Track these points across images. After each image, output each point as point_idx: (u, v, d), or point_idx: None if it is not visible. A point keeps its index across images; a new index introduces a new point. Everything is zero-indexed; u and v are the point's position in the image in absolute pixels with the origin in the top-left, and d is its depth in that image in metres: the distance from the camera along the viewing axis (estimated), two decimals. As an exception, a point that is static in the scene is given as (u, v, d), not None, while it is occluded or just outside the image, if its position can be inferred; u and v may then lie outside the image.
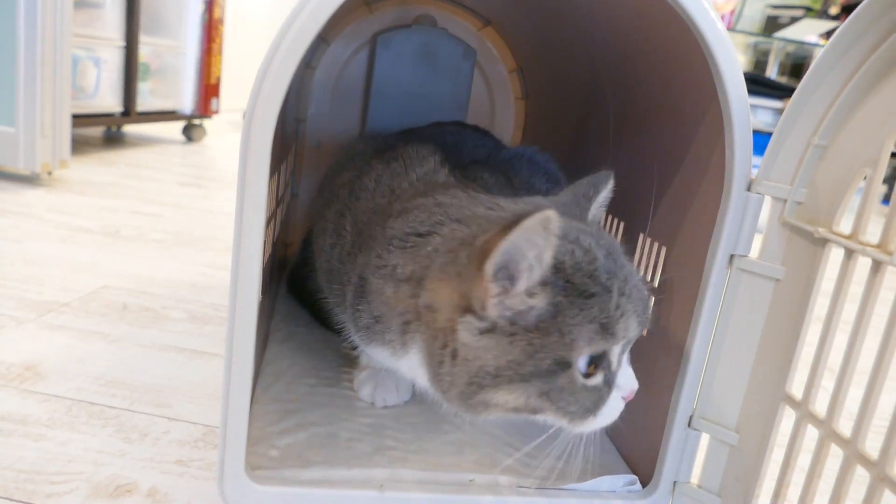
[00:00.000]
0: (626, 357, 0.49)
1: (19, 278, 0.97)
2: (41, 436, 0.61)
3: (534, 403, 0.45)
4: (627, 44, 0.65)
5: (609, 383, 0.47)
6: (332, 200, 0.65)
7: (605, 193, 0.53)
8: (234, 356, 0.46)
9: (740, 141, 0.48)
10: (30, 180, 1.55)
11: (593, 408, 0.46)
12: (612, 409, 0.48)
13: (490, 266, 0.42)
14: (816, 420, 0.44)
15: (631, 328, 0.46)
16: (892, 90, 0.41)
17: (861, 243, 0.41)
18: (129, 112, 2.13)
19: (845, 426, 0.42)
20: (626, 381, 0.48)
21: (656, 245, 0.62)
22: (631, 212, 0.68)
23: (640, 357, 0.62)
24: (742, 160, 0.48)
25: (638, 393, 0.61)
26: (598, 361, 0.45)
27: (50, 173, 1.53)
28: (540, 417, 0.47)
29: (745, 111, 0.48)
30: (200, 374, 0.76)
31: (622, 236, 0.70)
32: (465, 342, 0.45)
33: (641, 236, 0.65)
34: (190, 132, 2.63)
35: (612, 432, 0.66)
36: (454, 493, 0.53)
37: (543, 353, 0.43)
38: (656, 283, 0.61)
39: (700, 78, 0.50)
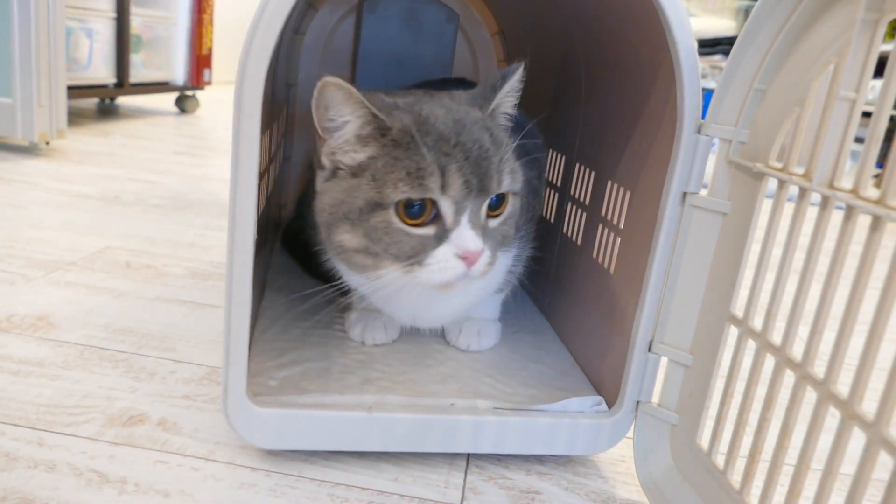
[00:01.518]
0: (466, 219, 0.54)
1: (25, 240, 1.02)
2: (57, 376, 0.66)
3: (363, 242, 0.55)
4: (595, 5, 0.69)
5: (440, 238, 0.54)
6: None
7: (512, 83, 0.60)
8: (234, 283, 0.51)
9: (689, 88, 0.53)
10: (28, 150, 1.58)
11: (416, 255, 0.54)
12: (442, 264, 0.54)
13: (316, 125, 0.55)
14: (755, 334, 0.49)
15: (454, 187, 0.53)
16: (817, 38, 0.45)
17: (790, 174, 0.46)
18: (123, 83, 2.15)
19: (779, 338, 0.47)
20: (461, 240, 0.53)
21: (621, 189, 0.67)
22: (601, 162, 0.73)
23: (604, 291, 0.67)
24: (691, 105, 0.53)
25: (603, 322, 0.67)
26: (425, 213, 0.53)
27: (48, 143, 1.56)
28: (381, 267, 0.56)
29: (693, 61, 0.52)
30: (202, 323, 0.81)
31: (593, 184, 0.74)
32: (318, 189, 0.58)
33: (609, 182, 0.70)
34: (183, 103, 2.65)
35: (579, 359, 0.72)
36: (436, 414, 0.58)
37: (358, 194, 0.54)
38: (622, 224, 0.66)
39: (655, 34, 0.54)
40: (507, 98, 0.60)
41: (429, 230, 0.54)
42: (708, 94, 0.54)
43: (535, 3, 0.90)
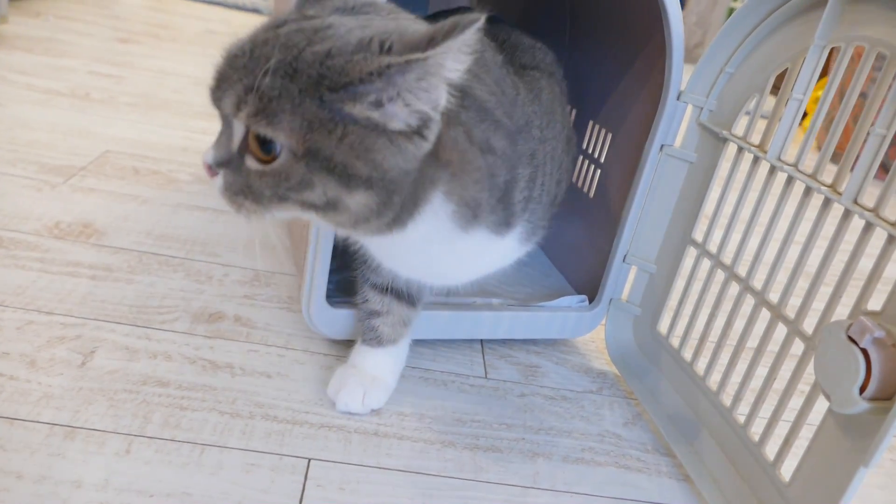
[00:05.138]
0: (223, 135, 0.44)
1: (25, 143, 1.05)
2: (130, 279, 0.77)
3: None
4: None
5: None
6: None
7: (460, 42, 0.39)
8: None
9: (676, 65, 0.68)
10: (-32, 35, 1.51)
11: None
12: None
13: None
14: (710, 254, 0.68)
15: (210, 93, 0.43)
16: (777, 43, 0.61)
17: (748, 143, 0.63)
18: (41, -45, 2.01)
19: (728, 258, 0.66)
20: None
21: (603, 130, 0.82)
22: (584, 102, 0.88)
23: (587, 212, 0.85)
24: (676, 79, 0.68)
25: (581, 237, 0.84)
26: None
27: (-11, 28, 1.50)
28: None
29: (681, 42, 0.67)
30: (229, 230, 0.92)
31: (575, 120, 0.90)
32: None
33: (591, 122, 0.85)
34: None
35: (556, 263, 0.91)
36: (462, 310, 0.75)
37: None
38: (602, 159, 0.82)
39: (651, 14, 0.68)
40: (448, 59, 0.39)
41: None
42: (688, 69, 0.69)
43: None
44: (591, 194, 0.84)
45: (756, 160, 0.63)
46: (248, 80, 0.40)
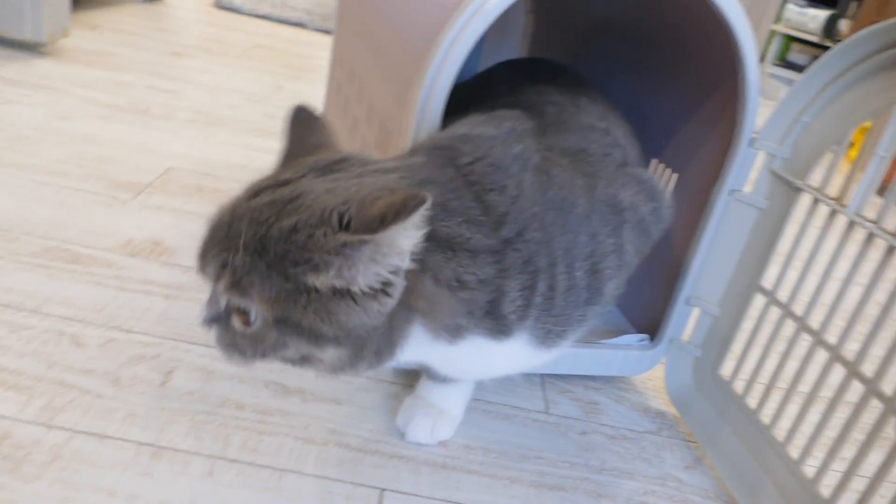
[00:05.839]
0: (213, 295, 0.47)
1: (93, 158, 1.09)
2: (200, 300, 0.79)
3: None
4: (667, 12, 0.83)
5: None
6: None
7: (402, 228, 0.41)
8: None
9: (750, 112, 0.69)
10: (33, 48, 1.56)
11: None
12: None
13: None
14: (779, 303, 0.69)
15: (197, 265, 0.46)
16: (862, 95, 0.62)
17: (823, 195, 0.64)
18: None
19: (800, 309, 0.66)
20: None
21: (668, 170, 0.83)
22: (645, 138, 0.89)
23: (647, 263, 0.85)
24: (749, 125, 0.69)
25: (646, 276, 0.85)
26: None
27: (53, 43, 1.55)
28: None
29: (756, 87, 0.68)
30: (291, 252, 0.94)
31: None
32: None
33: (655, 161, 0.86)
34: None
35: (623, 307, 0.91)
36: (526, 345, 0.76)
37: None
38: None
39: (723, 51, 0.69)
40: (399, 238, 0.42)
41: None
42: (763, 118, 0.70)
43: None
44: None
45: (833, 213, 0.63)
46: (223, 255, 0.44)
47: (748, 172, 0.72)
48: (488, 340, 0.51)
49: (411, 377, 0.72)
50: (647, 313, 0.84)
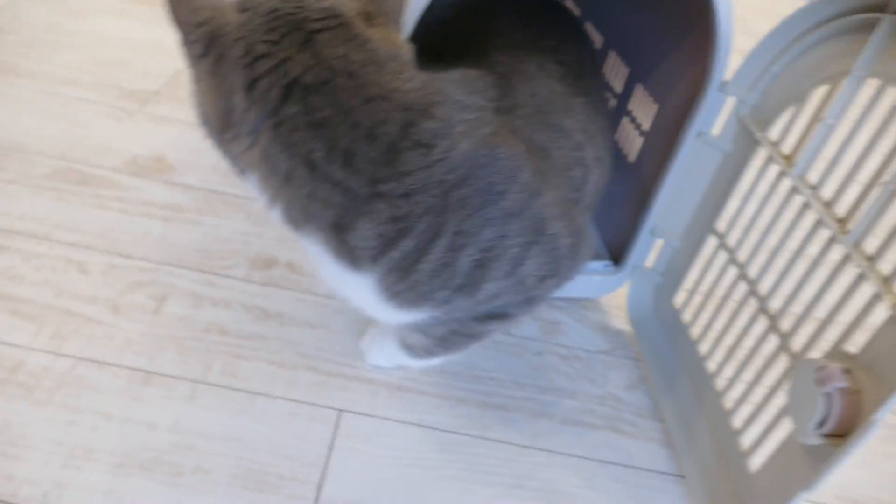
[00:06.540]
0: None
1: (105, 62, 1.12)
2: (197, 221, 0.86)
3: None
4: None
5: None
6: None
7: None
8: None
9: (721, 57, 0.66)
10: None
11: None
12: None
13: None
14: (727, 248, 0.71)
15: None
16: (818, 58, 0.59)
17: (778, 153, 0.63)
18: None
19: (744, 255, 0.69)
20: None
21: (651, 99, 0.82)
22: (633, 63, 0.86)
23: (626, 176, 0.86)
24: (719, 70, 0.67)
25: (621, 200, 0.87)
26: None
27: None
28: None
29: (728, 37, 0.65)
30: (287, 164, 0.99)
31: (626, 80, 0.88)
32: None
33: (640, 85, 0.84)
34: None
35: (599, 226, 0.94)
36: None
37: None
38: (646, 128, 0.83)
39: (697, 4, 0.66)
40: None
41: None
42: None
43: None
44: (631, 160, 0.85)
45: (781, 174, 0.63)
46: None
47: (717, 116, 0.71)
48: (333, 259, 0.52)
49: (382, 300, 0.79)
50: (616, 239, 0.87)
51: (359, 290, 0.54)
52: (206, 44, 0.48)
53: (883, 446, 0.77)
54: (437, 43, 0.64)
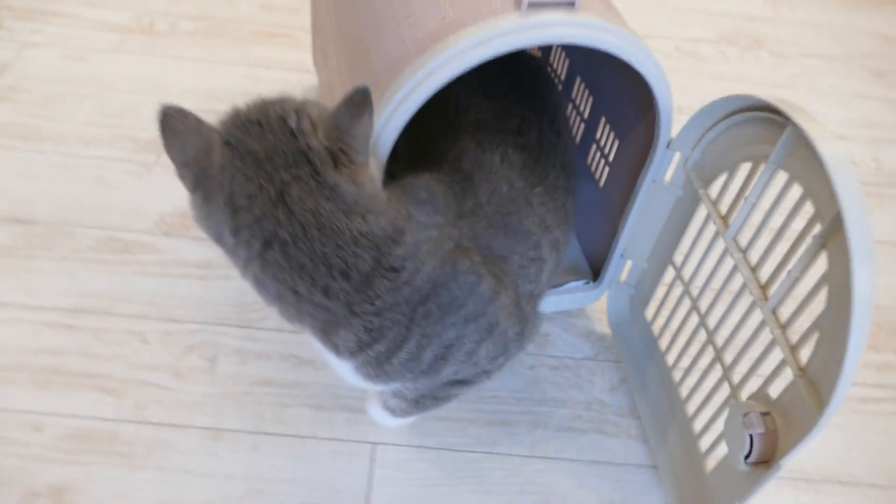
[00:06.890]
0: None
1: (115, 112, 1.21)
2: (228, 276, 0.99)
3: None
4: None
5: None
6: None
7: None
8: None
9: (665, 129, 0.76)
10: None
11: None
12: None
13: None
14: (683, 280, 0.83)
15: None
16: (746, 135, 0.69)
17: (717, 213, 0.75)
18: None
19: (696, 290, 0.81)
20: None
21: (612, 135, 0.92)
22: (597, 93, 0.95)
23: (596, 196, 0.97)
24: (665, 134, 0.77)
25: (596, 217, 0.99)
26: None
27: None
28: None
29: (669, 114, 0.75)
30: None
31: (590, 110, 0.98)
32: None
33: (603, 119, 0.94)
34: None
35: (580, 238, 1.06)
36: (487, 300, 0.94)
37: None
38: (611, 158, 0.93)
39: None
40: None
41: None
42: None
43: None
44: (601, 184, 0.96)
45: (717, 233, 0.75)
46: None
47: (667, 167, 0.81)
48: (319, 341, 0.61)
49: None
50: (594, 255, 0.99)
51: (343, 368, 0.65)
52: (193, 182, 0.55)
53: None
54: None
